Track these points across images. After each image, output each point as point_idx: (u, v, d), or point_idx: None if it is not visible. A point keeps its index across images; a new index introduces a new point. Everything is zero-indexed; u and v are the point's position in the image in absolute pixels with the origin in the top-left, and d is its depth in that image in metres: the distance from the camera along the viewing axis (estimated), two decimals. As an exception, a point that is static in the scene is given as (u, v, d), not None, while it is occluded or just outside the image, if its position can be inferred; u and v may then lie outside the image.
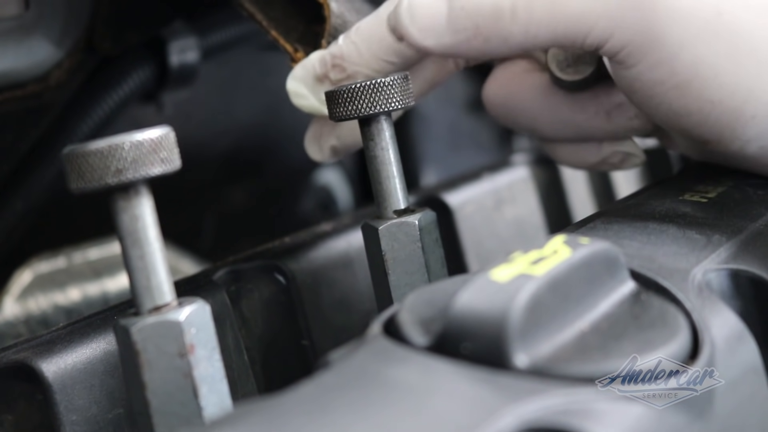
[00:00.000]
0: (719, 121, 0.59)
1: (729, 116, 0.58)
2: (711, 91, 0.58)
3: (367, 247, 0.64)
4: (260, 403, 0.40)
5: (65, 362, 0.58)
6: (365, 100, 0.61)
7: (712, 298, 0.50)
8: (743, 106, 0.58)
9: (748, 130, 0.59)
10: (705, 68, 0.57)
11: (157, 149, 0.49)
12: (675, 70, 0.58)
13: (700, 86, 0.58)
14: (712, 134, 0.60)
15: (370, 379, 0.42)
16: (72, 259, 0.95)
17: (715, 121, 0.59)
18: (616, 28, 0.57)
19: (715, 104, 0.58)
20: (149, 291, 0.50)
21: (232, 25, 0.98)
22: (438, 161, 1.22)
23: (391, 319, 0.47)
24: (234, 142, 1.10)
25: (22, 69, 0.80)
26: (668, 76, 0.58)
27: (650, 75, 0.58)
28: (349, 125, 0.69)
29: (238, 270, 0.70)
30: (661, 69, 0.58)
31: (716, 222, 0.57)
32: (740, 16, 0.57)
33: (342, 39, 0.67)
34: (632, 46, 0.58)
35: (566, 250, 0.47)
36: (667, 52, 0.57)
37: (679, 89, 0.58)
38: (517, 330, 0.42)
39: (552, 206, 0.96)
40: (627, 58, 0.58)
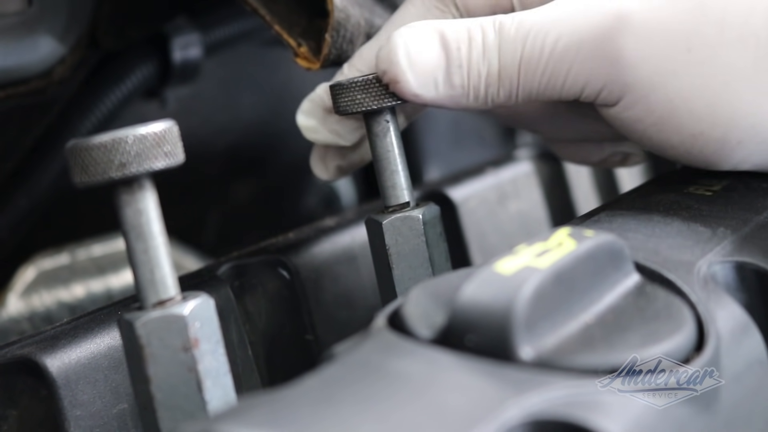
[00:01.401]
0: (704, 150, 0.59)
1: (714, 146, 0.59)
2: (690, 125, 0.58)
3: (371, 241, 0.64)
4: (265, 396, 0.40)
5: (69, 357, 0.58)
6: (370, 95, 0.61)
7: (717, 291, 0.50)
8: (726, 135, 0.58)
9: (736, 154, 0.59)
10: (680, 104, 0.58)
11: (161, 143, 0.49)
12: (651, 108, 0.58)
13: (678, 122, 0.58)
14: (700, 161, 0.61)
15: (375, 371, 0.42)
16: (76, 256, 0.94)
17: (699, 151, 0.60)
18: (588, 79, 0.58)
19: (697, 137, 0.59)
20: (153, 285, 0.50)
21: (235, 21, 0.97)
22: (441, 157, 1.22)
23: (396, 312, 0.47)
24: (237, 138, 1.09)
25: (25, 65, 0.80)
26: (645, 115, 0.59)
27: (628, 114, 0.59)
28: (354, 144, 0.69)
29: (242, 265, 0.70)
30: (637, 109, 0.59)
31: (721, 215, 0.57)
32: (712, 49, 0.57)
33: (346, 67, 0.67)
34: (605, 92, 0.59)
35: (571, 242, 0.47)
36: (640, 93, 0.58)
37: (657, 126, 0.59)
38: (522, 322, 0.42)
39: (555, 201, 0.96)
40: (605, 101, 0.59)
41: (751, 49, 0.57)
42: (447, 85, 0.60)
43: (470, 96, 0.60)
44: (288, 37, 0.70)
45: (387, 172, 0.63)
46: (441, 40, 0.59)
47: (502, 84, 0.59)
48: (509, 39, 0.58)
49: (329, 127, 0.68)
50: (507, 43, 0.58)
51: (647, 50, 0.57)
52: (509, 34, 0.58)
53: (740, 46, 0.57)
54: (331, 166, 0.71)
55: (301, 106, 0.68)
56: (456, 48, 0.59)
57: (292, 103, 0.70)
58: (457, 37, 0.59)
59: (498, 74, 0.59)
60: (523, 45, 0.58)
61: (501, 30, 0.59)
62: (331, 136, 0.68)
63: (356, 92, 0.61)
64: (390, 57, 0.59)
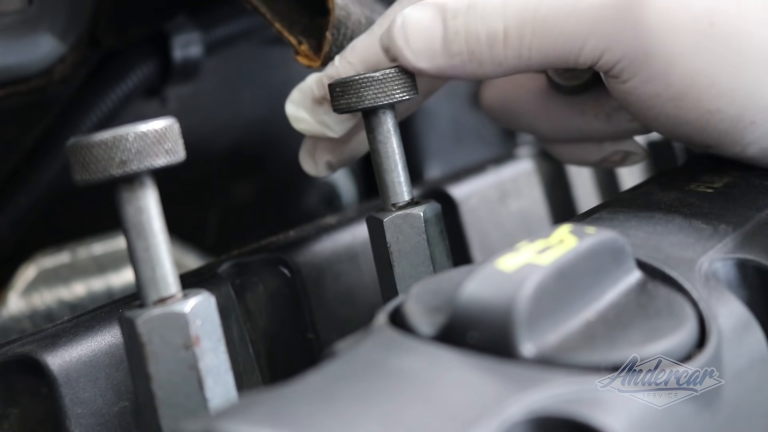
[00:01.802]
0: (718, 128, 0.59)
1: (728, 123, 0.58)
2: (708, 101, 0.58)
3: (372, 239, 0.64)
4: (266, 393, 0.40)
5: (70, 355, 0.58)
6: (369, 92, 0.60)
7: (718, 288, 0.50)
8: (742, 114, 0.58)
9: (748, 134, 0.59)
10: (700, 79, 0.57)
11: (162, 140, 0.49)
12: (670, 82, 0.57)
13: (696, 97, 0.58)
14: (712, 140, 0.60)
15: (377, 368, 0.42)
16: (76, 255, 0.94)
17: (714, 128, 0.59)
18: (608, 46, 0.57)
19: (713, 113, 0.58)
20: (154, 282, 0.50)
21: (235, 20, 0.97)
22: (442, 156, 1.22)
23: (397, 309, 0.47)
24: (238, 137, 1.09)
25: (25, 63, 0.80)
26: (664, 89, 0.58)
27: (645, 88, 0.58)
28: (344, 139, 0.69)
29: (242, 263, 0.70)
30: (656, 82, 0.58)
31: (722, 212, 0.57)
32: (734, 26, 0.57)
33: (338, 59, 0.67)
34: (625, 62, 0.58)
35: (572, 239, 0.46)
36: (661, 65, 0.57)
37: (675, 101, 0.58)
38: (524, 319, 0.42)
39: (557, 199, 0.96)
40: (621, 73, 0.58)
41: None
42: (446, 54, 0.59)
43: (473, 62, 0.59)
44: (289, 35, 0.70)
45: (386, 170, 0.63)
46: (439, 10, 0.59)
47: (510, 44, 0.58)
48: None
49: (318, 118, 0.67)
50: (517, 4, 0.58)
51: (671, 21, 0.56)
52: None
53: (762, 26, 0.57)
54: (320, 162, 0.71)
55: (290, 96, 0.68)
56: (453, 17, 0.59)
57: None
58: (456, 5, 0.59)
59: (504, 35, 0.58)
60: (538, 3, 0.57)
61: None
62: (320, 127, 0.67)
63: (354, 90, 0.61)
64: (389, 34, 0.60)
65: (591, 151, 0.73)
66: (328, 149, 0.70)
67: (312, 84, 0.67)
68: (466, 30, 0.59)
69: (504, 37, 0.58)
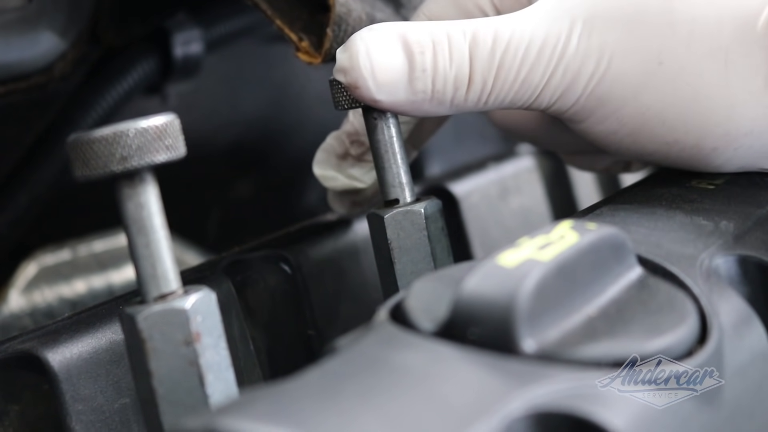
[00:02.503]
0: (681, 156, 0.60)
1: (689, 152, 0.60)
2: (663, 134, 0.59)
3: (373, 236, 0.64)
4: (267, 389, 0.40)
5: (71, 352, 0.58)
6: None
7: (719, 284, 0.50)
8: (700, 142, 0.59)
9: (714, 160, 0.60)
10: (651, 116, 0.58)
11: (162, 136, 0.49)
12: (622, 121, 0.59)
13: (650, 132, 0.59)
14: (681, 165, 0.61)
15: (378, 364, 0.41)
16: (77, 252, 0.94)
17: (677, 156, 0.60)
18: (562, 93, 0.58)
19: (671, 145, 0.59)
20: (155, 279, 0.50)
21: (236, 17, 0.97)
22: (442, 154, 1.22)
23: (398, 305, 0.47)
24: (239, 135, 1.09)
25: (26, 60, 0.80)
26: (618, 127, 0.59)
27: (600, 128, 0.60)
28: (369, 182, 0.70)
29: (243, 260, 0.70)
30: (609, 122, 0.59)
31: (723, 208, 0.57)
32: (682, 63, 0.57)
33: (352, 115, 0.68)
34: (577, 107, 0.59)
35: (573, 235, 0.46)
36: (611, 108, 0.59)
37: (631, 136, 0.60)
38: (525, 315, 0.42)
39: (557, 196, 0.96)
40: (574, 117, 0.60)
41: (720, 62, 0.57)
42: (409, 91, 0.58)
43: (433, 101, 0.58)
44: (289, 31, 0.70)
45: (387, 167, 0.63)
46: (403, 42, 0.57)
47: (473, 88, 0.58)
48: (485, 46, 0.57)
49: (345, 173, 0.70)
50: (483, 50, 0.57)
51: (618, 69, 0.57)
52: (483, 39, 0.57)
53: (710, 59, 0.57)
54: (346, 202, 0.73)
55: (315, 157, 0.70)
56: (420, 52, 0.57)
57: (293, 98, 0.71)
58: (420, 40, 0.57)
59: (469, 78, 0.58)
60: (503, 53, 0.57)
61: (475, 34, 0.57)
62: (348, 181, 0.70)
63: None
64: (351, 62, 0.58)
65: (593, 160, 0.75)
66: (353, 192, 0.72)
67: (333, 142, 0.69)
68: (434, 69, 0.57)
69: (470, 82, 0.58)
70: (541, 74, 0.58)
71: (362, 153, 0.69)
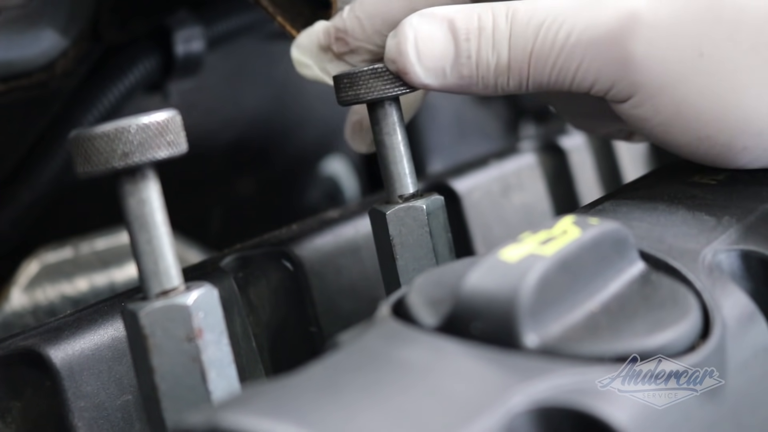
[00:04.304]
0: (709, 153, 0.60)
1: (719, 149, 0.59)
2: (697, 129, 0.58)
3: (375, 232, 0.64)
4: (269, 384, 0.40)
5: (73, 349, 0.58)
6: (374, 84, 0.60)
7: (722, 279, 0.50)
8: (732, 141, 0.58)
9: (741, 158, 0.59)
10: (687, 108, 0.58)
11: (164, 132, 0.49)
12: (657, 109, 0.58)
13: (684, 125, 0.58)
14: (705, 162, 0.61)
15: (380, 359, 0.41)
16: (79, 250, 0.94)
17: (705, 153, 0.60)
18: (597, 77, 0.58)
19: (703, 140, 0.59)
20: (157, 275, 0.50)
21: (237, 14, 0.97)
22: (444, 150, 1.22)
23: (400, 300, 0.47)
24: (240, 132, 1.09)
25: (27, 58, 0.80)
26: (652, 115, 0.59)
27: (635, 112, 0.59)
28: None
29: (245, 257, 0.70)
30: (644, 108, 0.59)
31: (726, 203, 0.57)
32: (723, 55, 0.57)
33: (346, 12, 0.67)
34: (615, 89, 0.59)
35: (576, 230, 0.46)
36: (647, 94, 0.58)
37: (663, 126, 0.59)
38: (527, 310, 0.42)
39: (559, 192, 0.95)
40: (614, 98, 0.60)
41: (763, 58, 0.56)
42: (455, 75, 0.60)
43: (479, 85, 0.60)
44: (291, 28, 0.70)
45: (391, 163, 0.63)
46: (450, 29, 0.59)
47: (512, 75, 0.59)
48: (521, 31, 0.58)
49: (321, 65, 0.68)
50: (518, 35, 0.58)
51: (658, 52, 0.57)
52: (521, 25, 0.58)
53: (753, 54, 0.57)
54: (368, 138, 0.72)
55: (297, 39, 0.69)
56: (465, 39, 0.59)
57: (295, 96, 0.70)
58: (467, 26, 0.59)
59: (508, 65, 0.59)
60: (535, 38, 0.58)
61: (513, 19, 0.59)
62: (321, 74, 0.68)
63: (359, 82, 0.61)
64: (399, 48, 0.60)
65: (599, 124, 0.74)
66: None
67: (319, 31, 0.68)
68: (478, 56, 0.59)
69: (509, 68, 0.59)
70: (576, 59, 0.58)
71: (344, 53, 0.67)
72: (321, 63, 0.68)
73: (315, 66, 0.68)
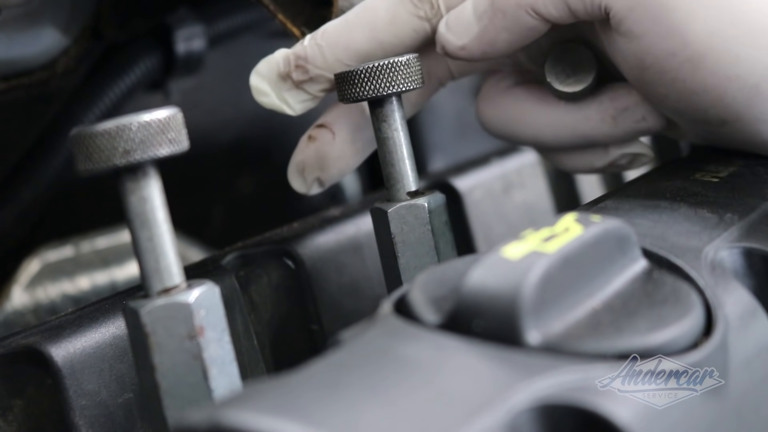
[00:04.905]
0: (736, 98, 0.57)
1: (747, 93, 0.57)
2: (727, 66, 0.56)
3: (377, 230, 0.64)
4: (271, 381, 0.40)
5: (74, 347, 0.58)
6: (378, 81, 0.60)
7: (725, 276, 0.50)
8: (761, 83, 0.56)
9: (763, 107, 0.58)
10: (719, 41, 0.56)
11: (165, 130, 0.49)
12: (687, 40, 0.56)
13: (715, 60, 0.56)
14: (729, 113, 0.59)
15: (382, 356, 0.41)
16: (80, 248, 0.94)
17: (731, 99, 0.57)
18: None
19: (732, 80, 0.57)
20: (158, 273, 0.50)
21: (238, 13, 0.97)
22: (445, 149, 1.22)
23: (402, 298, 0.47)
24: (241, 131, 1.09)
25: (28, 56, 0.80)
26: (680, 48, 0.57)
27: (661, 45, 0.57)
28: (334, 155, 0.68)
29: (247, 255, 0.69)
30: (673, 39, 0.57)
31: (728, 201, 0.57)
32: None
33: (308, 40, 0.66)
34: (639, 12, 0.57)
35: (578, 227, 0.46)
36: (677, 19, 0.56)
37: (692, 62, 0.57)
38: (530, 307, 0.42)
39: (561, 191, 0.95)
40: (635, 26, 0.57)
41: None
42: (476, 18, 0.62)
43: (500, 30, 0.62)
44: (292, 26, 0.70)
45: (392, 161, 0.63)
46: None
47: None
48: None
49: (279, 94, 0.67)
50: None
51: None
52: None
53: None
54: (309, 179, 0.70)
55: (257, 67, 0.68)
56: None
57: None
58: None
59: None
60: None
61: None
62: (279, 103, 0.67)
63: (361, 80, 0.61)
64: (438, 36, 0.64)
65: (597, 156, 0.71)
66: (317, 166, 0.69)
67: (279, 59, 0.67)
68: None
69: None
70: None
71: (303, 81, 0.66)
72: (279, 91, 0.67)
73: (273, 94, 0.67)
